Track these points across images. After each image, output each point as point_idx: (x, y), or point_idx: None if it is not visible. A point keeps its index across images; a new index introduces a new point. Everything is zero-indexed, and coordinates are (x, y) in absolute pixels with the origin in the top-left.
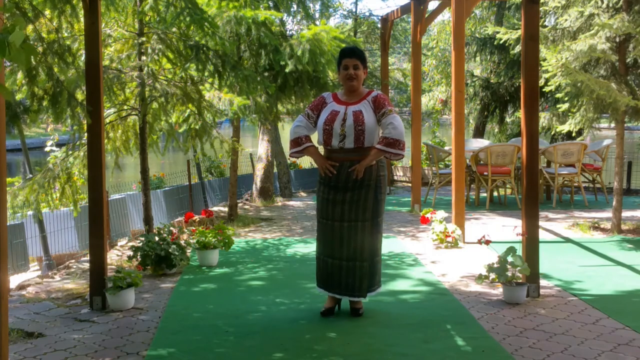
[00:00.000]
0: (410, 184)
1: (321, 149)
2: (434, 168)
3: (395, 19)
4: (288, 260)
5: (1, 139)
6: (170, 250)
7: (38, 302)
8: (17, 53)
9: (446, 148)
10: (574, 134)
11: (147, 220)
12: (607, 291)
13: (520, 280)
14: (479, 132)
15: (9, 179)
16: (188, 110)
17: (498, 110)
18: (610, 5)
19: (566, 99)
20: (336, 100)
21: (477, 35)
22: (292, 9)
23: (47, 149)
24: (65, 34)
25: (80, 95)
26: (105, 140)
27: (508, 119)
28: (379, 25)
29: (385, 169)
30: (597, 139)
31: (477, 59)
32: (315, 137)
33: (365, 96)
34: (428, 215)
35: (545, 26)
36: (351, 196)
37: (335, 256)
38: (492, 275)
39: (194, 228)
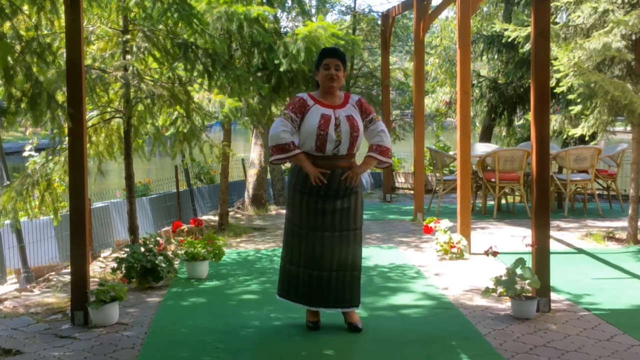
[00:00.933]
0: (412, 191)
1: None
2: (437, 174)
3: (396, 15)
4: None
5: None
6: (156, 261)
7: (16, 317)
8: None
9: (451, 153)
10: (587, 138)
11: (132, 229)
12: (622, 305)
13: (530, 294)
14: (486, 136)
15: None
16: (176, 113)
17: (506, 113)
18: (626, 0)
19: (579, 100)
20: (318, 103)
21: (484, 32)
22: (286, 5)
23: (25, 153)
24: (45, 32)
25: (60, 97)
26: (88, 145)
27: (517, 122)
28: (379, 22)
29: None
30: (611, 143)
31: (484, 58)
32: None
33: (346, 99)
34: (431, 225)
35: (557, 23)
36: (341, 204)
37: (324, 268)
38: (500, 289)
39: (182, 238)
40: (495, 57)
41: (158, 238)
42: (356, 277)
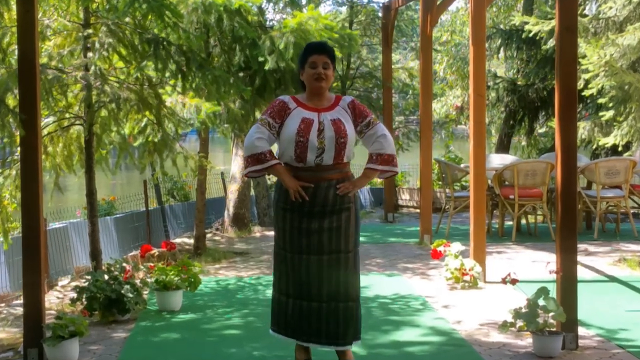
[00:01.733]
0: (418, 210)
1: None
2: (447, 190)
3: (400, 6)
4: (268, 304)
5: None
6: (122, 291)
7: None
8: None
9: (463, 165)
10: (620, 148)
11: (95, 254)
12: None
13: (554, 329)
14: (504, 146)
15: None
16: (145, 119)
17: (527, 119)
18: None
19: (611, 105)
20: (301, 105)
21: (501, 26)
22: None
23: None
24: None
25: (11, 101)
26: (43, 156)
27: (539, 130)
28: (380, 14)
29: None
30: None
31: (501, 55)
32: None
33: (336, 101)
34: (440, 249)
35: (585, 15)
36: (330, 223)
37: (313, 297)
38: (520, 323)
39: (152, 264)
40: (514, 54)
41: (124, 264)
42: (351, 309)
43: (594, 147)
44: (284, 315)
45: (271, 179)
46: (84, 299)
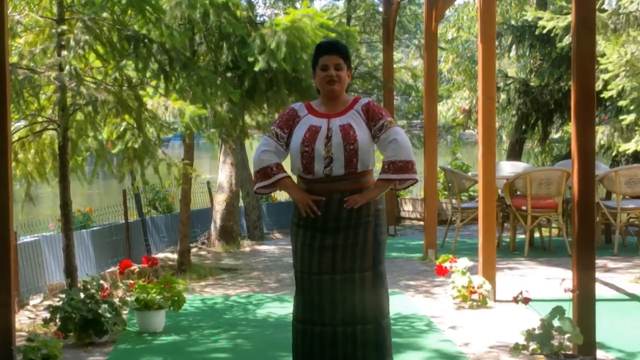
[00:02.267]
0: (422, 222)
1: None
2: (454, 201)
3: (402, 0)
4: (259, 325)
5: None
6: (100, 311)
7: None
8: None
9: (470, 174)
10: None
11: (69, 270)
12: None
13: (570, 352)
14: (515, 153)
15: None
16: (124, 123)
17: (540, 123)
18: None
19: (632, 107)
20: (312, 112)
21: (512, 22)
22: None
23: None
24: None
25: None
26: (13, 164)
27: (554, 135)
28: (381, 9)
29: (384, 200)
30: None
31: (513, 54)
32: (287, 165)
33: (352, 105)
34: (446, 265)
35: (604, 10)
36: (344, 239)
37: (326, 322)
38: (533, 345)
39: (132, 281)
40: (527, 53)
41: (102, 281)
42: (369, 332)
43: (613, 153)
44: (299, 344)
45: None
46: (57, 320)
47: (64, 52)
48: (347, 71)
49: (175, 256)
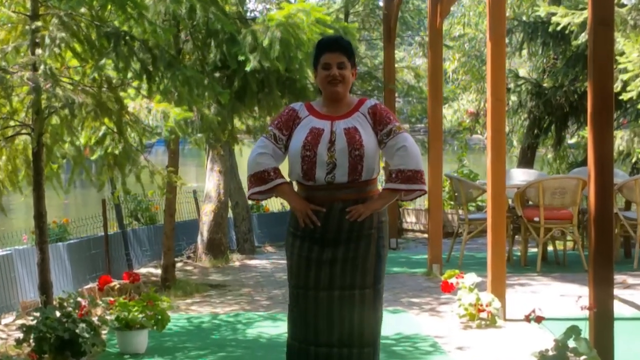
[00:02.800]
0: (425, 235)
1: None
2: (460, 211)
3: None
4: (249, 346)
5: None
6: (77, 330)
7: None
8: None
9: (478, 182)
10: None
11: (44, 287)
12: None
13: None
14: (527, 159)
15: None
16: (104, 128)
17: (554, 127)
18: None
19: None
20: (314, 114)
21: (524, 18)
22: None
23: None
24: None
25: None
26: None
27: (569, 140)
28: (381, 4)
29: (386, 212)
30: None
31: (524, 52)
32: (284, 169)
33: (357, 106)
34: (452, 281)
35: (623, 5)
36: (345, 253)
37: (321, 342)
38: None
39: (112, 299)
40: (540, 51)
41: (79, 299)
42: (367, 356)
43: (633, 160)
44: None
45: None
46: (31, 340)
47: (39, 51)
48: (351, 70)
49: (158, 271)
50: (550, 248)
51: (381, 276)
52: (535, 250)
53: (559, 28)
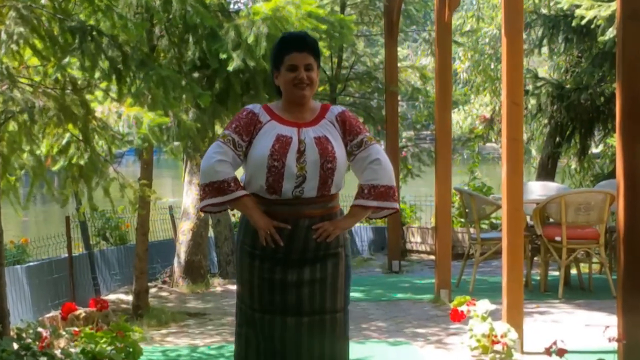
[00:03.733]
0: (432, 257)
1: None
2: (472, 230)
3: None
4: None
5: None
6: None
7: None
8: None
9: (492, 197)
10: None
11: (0, 316)
12: None
13: None
14: (547, 171)
15: None
16: (67, 135)
17: (578, 135)
18: None
19: None
20: (276, 118)
21: (544, 11)
22: None
23: None
24: None
25: None
26: None
27: (595, 149)
28: None
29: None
30: None
31: (544, 50)
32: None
33: (322, 113)
34: (463, 309)
35: None
36: (311, 274)
37: None
38: None
39: (77, 329)
40: (562, 48)
41: (40, 329)
42: None
43: None
44: None
45: (236, 214)
46: None
47: None
48: (317, 71)
49: (130, 298)
50: (573, 271)
51: (348, 297)
52: (556, 273)
53: (583, 22)
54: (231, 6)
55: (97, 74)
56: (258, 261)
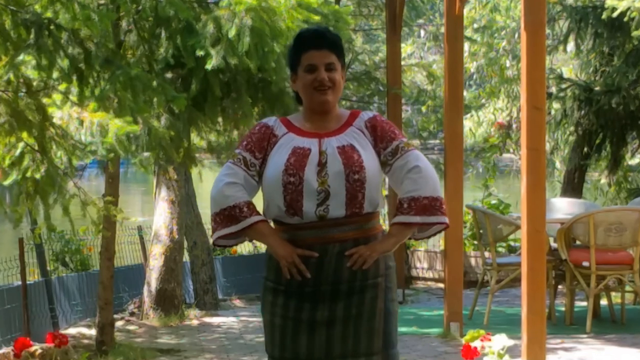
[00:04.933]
0: (441, 285)
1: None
2: (487, 254)
3: None
4: None
5: None
6: None
7: None
8: None
9: (510, 216)
10: None
11: None
12: None
13: None
14: (573, 186)
15: None
16: (21, 144)
17: (609, 144)
18: None
19: None
20: (294, 130)
21: (569, 1)
22: None
23: None
24: None
25: None
26: None
27: (629, 160)
28: None
29: (393, 255)
30: None
31: (570, 47)
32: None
33: (350, 120)
34: (477, 344)
35: None
36: (345, 309)
37: None
38: None
39: None
40: (590, 45)
41: None
42: None
43: None
44: None
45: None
46: None
47: None
48: (341, 72)
49: (93, 332)
50: (603, 302)
51: (393, 339)
52: (584, 304)
53: (615, 14)
54: None
55: (55, 74)
56: (282, 298)
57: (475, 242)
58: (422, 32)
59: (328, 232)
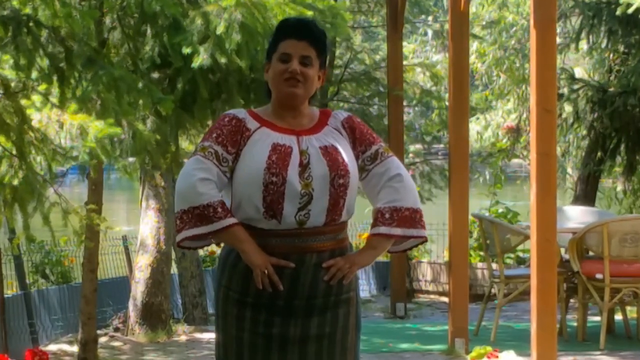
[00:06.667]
0: (445, 299)
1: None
2: (494, 266)
3: None
4: None
5: None
6: None
7: None
8: None
9: (519, 225)
10: None
11: None
12: None
13: None
14: (586, 193)
15: None
16: None
17: (624, 148)
18: None
19: None
20: (267, 125)
21: None
22: None
23: None
24: None
25: None
26: None
27: None
28: None
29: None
30: None
31: (582, 45)
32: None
33: (323, 118)
34: None
35: None
36: (319, 327)
37: None
38: None
39: None
40: (604, 43)
41: None
42: None
43: None
44: None
45: (205, 250)
46: None
47: None
48: (318, 71)
49: (74, 349)
50: (618, 316)
51: (358, 354)
52: (597, 319)
53: (630, 10)
54: None
55: (34, 75)
56: (250, 311)
57: (482, 253)
58: (429, 32)
59: (305, 241)
